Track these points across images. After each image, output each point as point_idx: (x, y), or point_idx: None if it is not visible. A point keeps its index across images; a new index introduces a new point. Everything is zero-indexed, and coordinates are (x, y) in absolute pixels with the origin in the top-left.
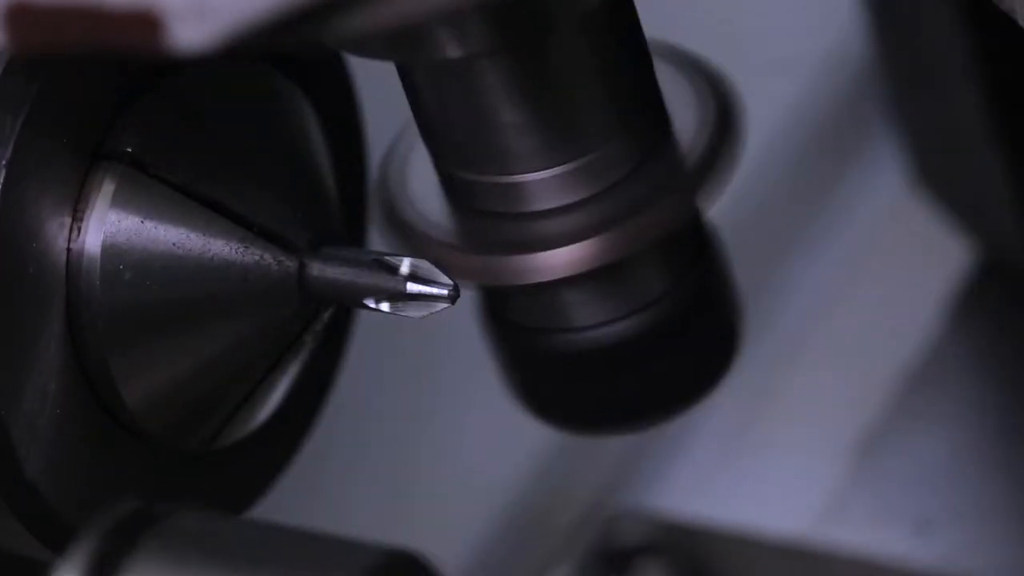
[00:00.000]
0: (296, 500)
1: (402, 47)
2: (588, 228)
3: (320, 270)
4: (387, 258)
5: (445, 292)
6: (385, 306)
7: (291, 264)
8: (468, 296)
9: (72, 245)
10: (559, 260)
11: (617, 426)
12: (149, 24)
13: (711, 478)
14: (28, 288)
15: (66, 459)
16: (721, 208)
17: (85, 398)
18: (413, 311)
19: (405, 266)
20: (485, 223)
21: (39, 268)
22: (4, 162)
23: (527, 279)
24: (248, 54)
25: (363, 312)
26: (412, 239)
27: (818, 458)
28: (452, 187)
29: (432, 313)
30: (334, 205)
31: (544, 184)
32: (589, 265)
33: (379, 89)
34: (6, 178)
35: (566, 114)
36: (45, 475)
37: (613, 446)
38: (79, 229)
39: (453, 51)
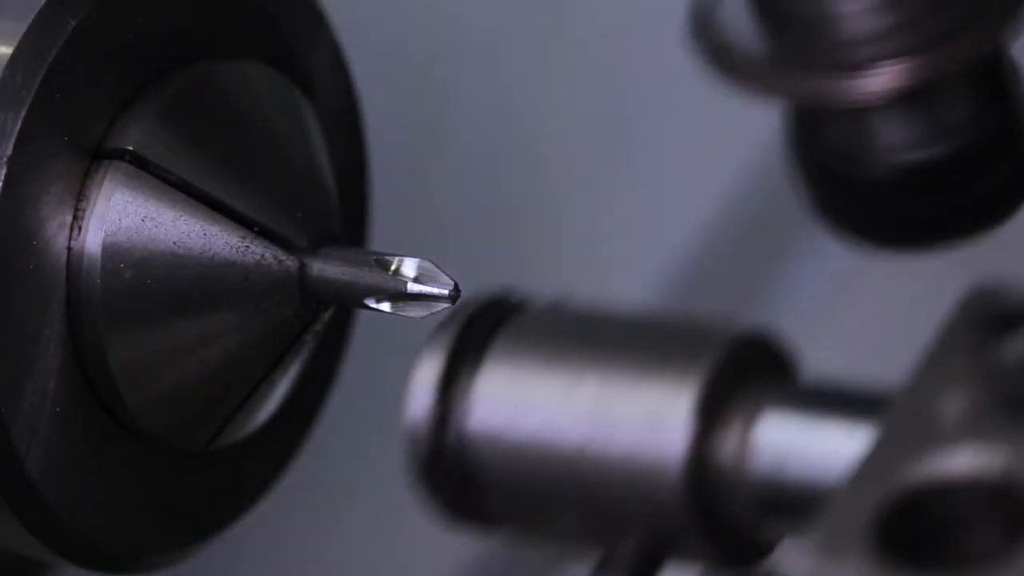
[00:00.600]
0: (296, 500)
1: None
2: (901, 51)
3: (320, 270)
4: (387, 258)
5: (445, 292)
6: (385, 306)
7: (291, 264)
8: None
9: (72, 244)
10: (872, 82)
11: (912, 244)
12: None
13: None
14: (28, 287)
15: (66, 459)
16: (721, 207)
17: (85, 398)
18: (413, 311)
19: (405, 266)
20: (800, 45)
21: (39, 267)
22: (5, 161)
23: (841, 99)
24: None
25: (363, 312)
26: (727, 58)
27: None
28: (768, 6)
29: (432, 313)
30: (334, 205)
31: (859, 6)
32: (900, 86)
33: (379, 89)
34: (7, 177)
35: None
36: (45, 474)
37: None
38: (80, 228)
39: None
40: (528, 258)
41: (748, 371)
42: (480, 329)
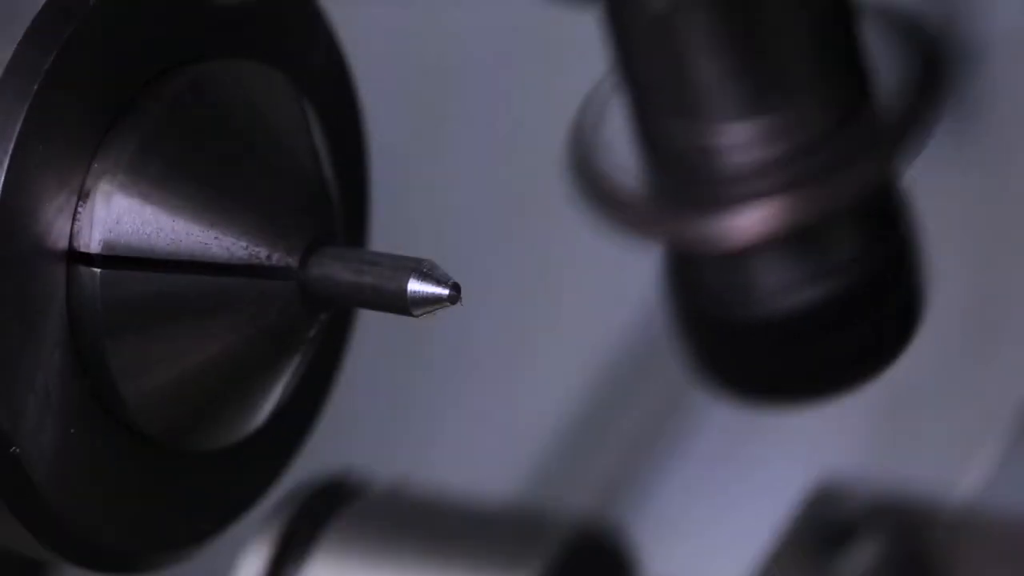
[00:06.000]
0: None
1: None
2: (784, 186)
3: (320, 270)
4: (387, 258)
5: (446, 292)
6: (386, 306)
7: (291, 264)
8: (466, 296)
9: (72, 246)
10: (753, 218)
11: (795, 397)
12: None
13: (712, 479)
14: (29, 288)
15: (66, 459)
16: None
17: (85, 399)
18: (413, 311)
19: (406, 266)
20: (681, 182)
21: (39, 269)
22: (4, 164)
23: (721, 240)
24: (248, 43)
25: (363, 312)
26: (604, 198)
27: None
28: (648, 143)
29: (432, 313)
30: (334, 205)
31: (741, 139)
32: (783, 224)
33: (379, 89)
34: (6, 179)
35: (768, 66)
36: (45, 475)
37: (611, 446)
38: (79, 231)
39: (659, 3)
40: (528, 257)
41: (583, 569)
42: (311, 519)
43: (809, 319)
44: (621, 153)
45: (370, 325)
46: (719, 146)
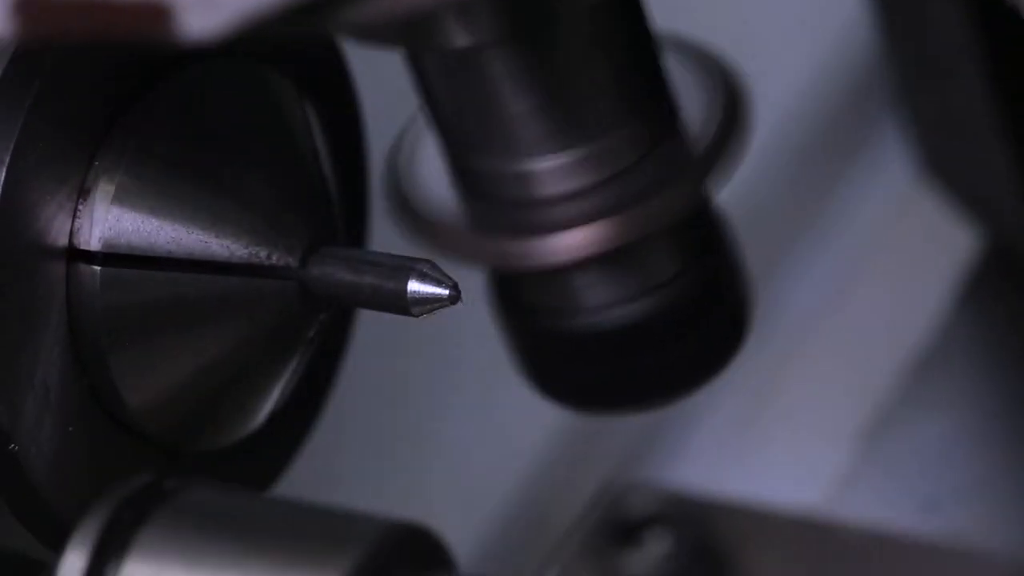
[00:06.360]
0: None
1: (410, 36)
2: (596, 212)
3: (320, 270)
4: (387, 258)
5: (446, 292)
6: (385, 306)
7: (291, 264)
8: (467, 295)
9: (72, 246)
10: (567, 243)
11: (623, 407)
12: (157, 13)
13: (718, 458)
14: (28, 288)
15: (66, 459)
16: (728, 197)
17: (85, 398)
18: (413, 311)
19: (405, 266)
20: (494, 208)
21: (40, 269)
22: (4, 162)
23: (536, 262)
24: (249, 43)
25: (363, 312)
26: (421, 225)
27: (826, 440)
28: (461, 174)
29: (432, 313)
30: (334, 205)
31: (552, 170)
32: (596, 249)
33: (379, 89)
34: (6, 178)
35: (575, 102)
36: (44, 474)
37: (622, 425)
38: (79, 229)
39: (461, 40)
40: None
41: (396, 567)
42: (126, 521)
43: (631, 334)
44: (436, 180)
45: (370, 325)
46: (531, 176)
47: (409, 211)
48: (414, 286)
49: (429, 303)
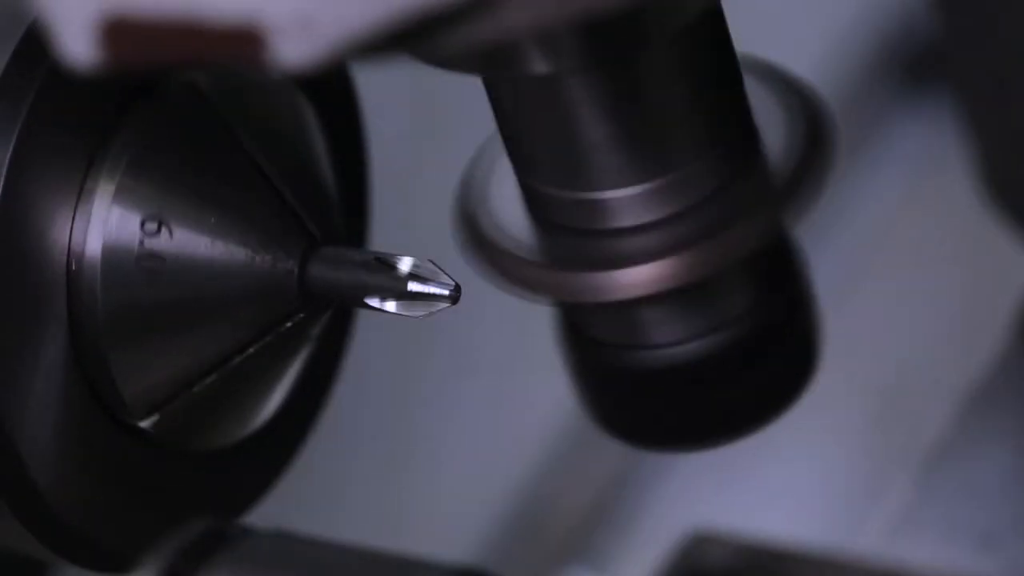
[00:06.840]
0: (296, 500)
1: (494, 63)
2: (671, 246)
3: (320, 270)
4: (387, 258)
5: (446, 292)
6: (385, 306)
7: (291, 264)
8: (467, 295)
9: (73, 245)
10: (639, 278)
11: (688, 444)
12: (252, 40)
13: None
14: (29, 288)
15: (66, 459)
16: None
17: (86, 399)
18: (413, 311)
19: (405, 265)
20: (567, 239)
21: (40, 268)
22: (6, 162)
23: (607, 296)
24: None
25: (363, 312)
26: (492, 254)
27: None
28: (535, 202)
29: (432, 313)
30: (334, 205)
31: (629, 201)
32: (669, 284)
33: (379, 89)
34: (7, 178)
35: (654, 131)
36: (45, 474)
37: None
38: (80, 229)
39: (544, 67)
40: None
41: None
42: (183, 572)
43: (700, 370)
44: (509, 209)
45: (370, 325)
46: (605, 206)
47: (478, 241)
48: (414, 286)
49: (429, 303)
